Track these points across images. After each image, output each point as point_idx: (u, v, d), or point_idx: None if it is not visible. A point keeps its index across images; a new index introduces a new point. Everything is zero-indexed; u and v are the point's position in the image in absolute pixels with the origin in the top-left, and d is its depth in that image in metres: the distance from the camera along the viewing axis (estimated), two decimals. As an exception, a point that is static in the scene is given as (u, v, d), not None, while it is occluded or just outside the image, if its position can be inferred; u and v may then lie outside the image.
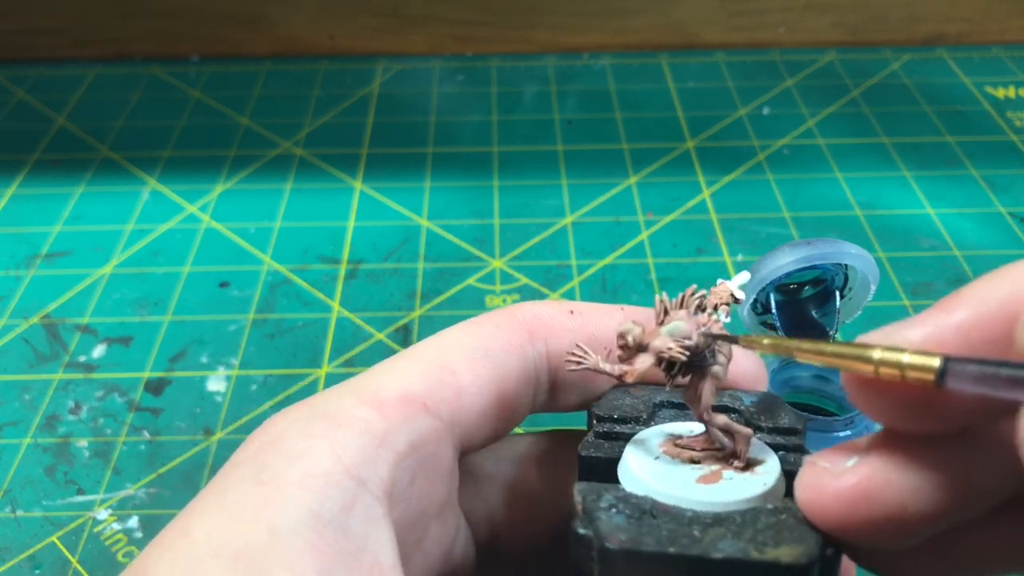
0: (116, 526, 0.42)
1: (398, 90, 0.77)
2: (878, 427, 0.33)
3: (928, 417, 0.19)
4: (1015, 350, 0.17)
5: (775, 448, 0.23)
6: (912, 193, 0.63)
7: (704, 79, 0.77)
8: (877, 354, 0.18)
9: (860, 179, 0.65)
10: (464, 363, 0.23)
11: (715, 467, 0.22)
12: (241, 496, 0.19)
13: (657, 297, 0.23)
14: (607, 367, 0.22)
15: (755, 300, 0.35)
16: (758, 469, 0.22)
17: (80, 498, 0.44)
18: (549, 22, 0.80)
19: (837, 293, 0.35)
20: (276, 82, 0.78)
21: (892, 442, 0.19)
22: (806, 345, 0.20)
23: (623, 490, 0.21)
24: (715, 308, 0.23)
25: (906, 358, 0.18)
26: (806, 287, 0.36)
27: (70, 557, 0.41)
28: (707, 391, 0.22)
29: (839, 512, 0.19)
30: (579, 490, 0.21)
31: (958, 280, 0.55)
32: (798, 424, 0.23)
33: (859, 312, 0.35)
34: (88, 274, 0.58)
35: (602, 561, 0.20)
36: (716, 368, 0.22)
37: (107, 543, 0.42)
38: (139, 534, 0.42)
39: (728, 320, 0.23)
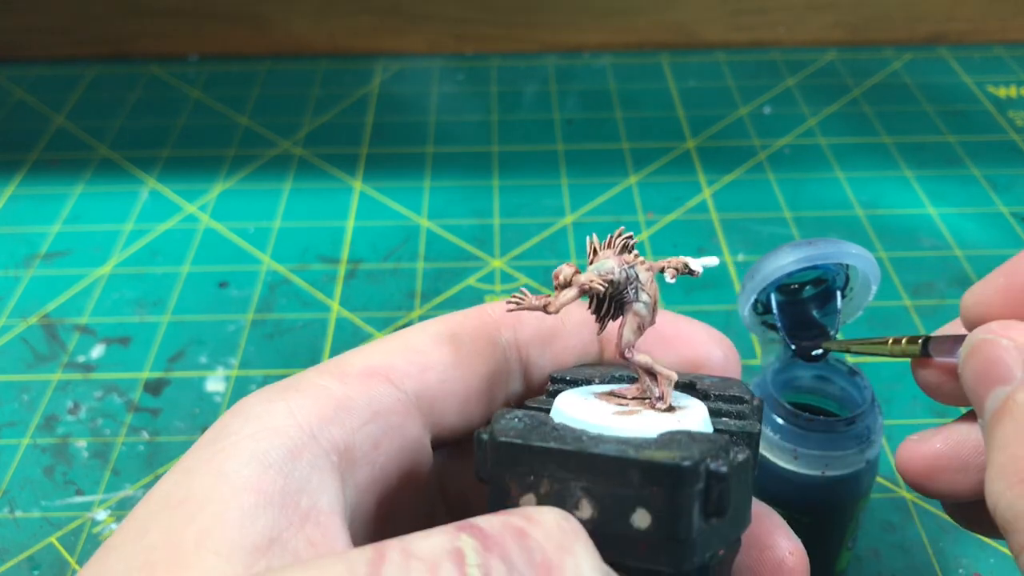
0: (115, 527, 0.42)
1: (398, 89, 0.77)
2: (879, 426, 0.34)
3: (954, 394, 0.27)
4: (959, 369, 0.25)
5: (717, 413, 0.23)
6: (913, 193, 0.63)
7: (705, 78, 0.77)
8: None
9: (861, 179, 0.64)
10: (430, 344, 0.24)
11: (638, 408, 0.23)
12: (197, 455, 0.21)
13: (588, 238, 0.24)
14: (534, 302, 0.23)
15: (756, 300, 0.35)
16: (679, 413, 0.23)
17: (79, 499, 0.44)
18: (549, 21, 0.80)
19: (838, 293, 0.35)
20: (275, 81, 0.78)
21: (958, 427, 0.27)
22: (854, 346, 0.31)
23: (540, 415, 0.22)
24: (661, 270, 0.24)
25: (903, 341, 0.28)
26: (807, 287, 0.36)
27: (69, 558, 0.41)
28: (628, 327, 0.23)
29: (924, 467, 0.27)
30: (497, 411, 0.22)
31: (959, 280, 0.55)
32: (747, 396, 0.24)
33: (860, 312, 0.35)
34: (87, 274, 0.57)
35: (492, 458, 0.20)
36: (638, 305, 0.23)
37: (105, 544, 0.42)
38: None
39: (673, 282, 0.24)
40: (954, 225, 0.60)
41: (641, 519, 0.19)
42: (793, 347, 0.34)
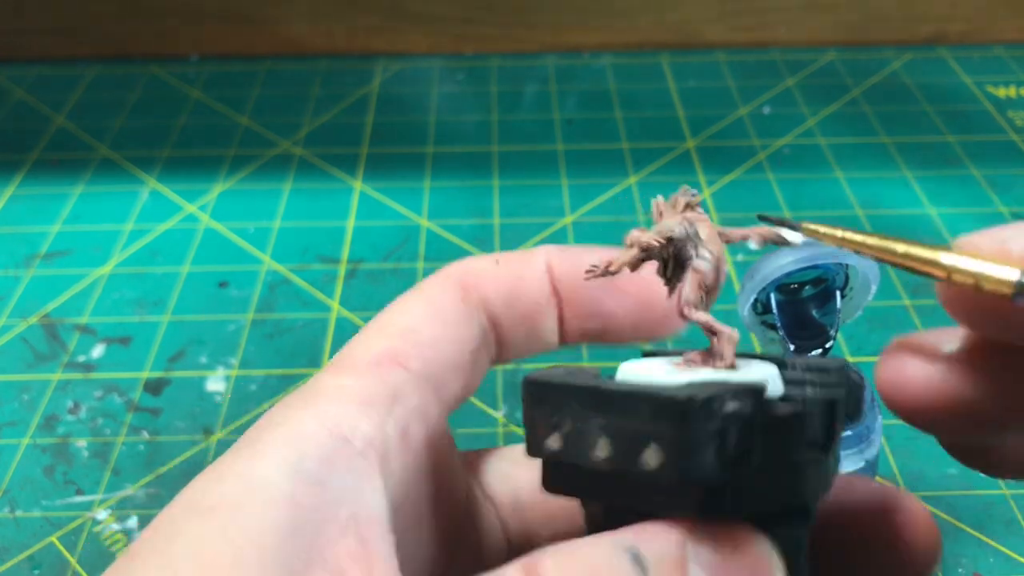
0: (115, 526, 0.42)
1: (398, 89, 0.77)
2: (879, 426, 0.33)
3: (1007, 327, 0.19)
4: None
5: (798, 382, 0.22)
6: (913, 193, 0.63)
7: (705, 78, 0.77)
8: (949, 260, 0.18)
9: (861, 179, 0.64)
10: (422, 321, 0.24)
11: (697, 367, 0.22)
12: (225, 461, 0.20)
13: (653, 200, 0.23)
14: (594, 261, 0.23)
15: (756, 300, 0.35)
16: (740, 371, 0.21)
17: (79, 498, 0.44)
18: (549, 21, 0.80)
19: (838, 293, 0.35)
20: (275, 81, 0.78)
21: (971, 346, 0.20)
22: (871, 241, 0.20)
23: (588, 369, 0.22)
24: (744, 238, 0.23)
25: (984, 268, 0.18)
26: (807, 287, 0.36)
27: (69, 557, 0.41)
28: (688, 285, 0.22)
29: (915, 394, 0.20)
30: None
31: (959, 280, 0.55)
32: (834, 366, 0.22)
33: (860, 312, 0.35)
34: (87, 274, 0.57)
35: (523, 400, 0.20)
36: (698, 262, 0.22)
37: (106, 543, 0.42)
38: (139, 534, 0.42)
39: (758, 248, 0.23)
40: (954, 225, 0.60)
41: (651, 457, 0.18)
42: (793, 347, 0.34)
